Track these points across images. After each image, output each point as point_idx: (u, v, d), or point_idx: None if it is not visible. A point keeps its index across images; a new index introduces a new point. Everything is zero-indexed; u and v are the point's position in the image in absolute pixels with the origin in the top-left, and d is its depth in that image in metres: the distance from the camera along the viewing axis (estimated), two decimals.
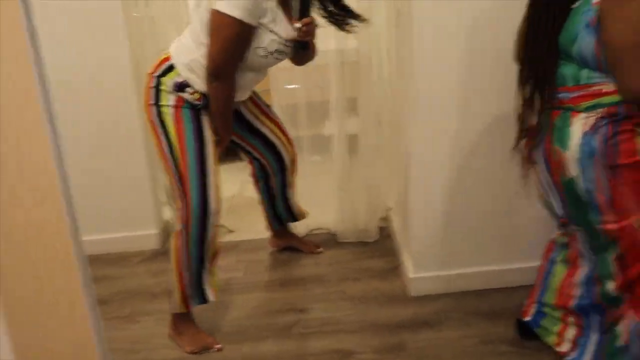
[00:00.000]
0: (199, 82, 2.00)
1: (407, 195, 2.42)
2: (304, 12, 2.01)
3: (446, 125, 2.18)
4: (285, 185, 2.58)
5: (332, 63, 2.71)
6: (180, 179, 2.04)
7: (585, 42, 1.46)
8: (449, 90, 2.14)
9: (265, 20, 1.91)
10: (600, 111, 1.48)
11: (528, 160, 1.72)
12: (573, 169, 1.52)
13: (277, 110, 2.79)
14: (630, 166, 1.47)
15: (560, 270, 1.88)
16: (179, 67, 2.00)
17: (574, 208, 1.61)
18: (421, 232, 2.33)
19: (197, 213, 2.03)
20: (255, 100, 2.36)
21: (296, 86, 2.91)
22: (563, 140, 1.53)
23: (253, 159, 2.49)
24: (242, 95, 2.16)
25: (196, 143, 2.02)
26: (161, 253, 2.79)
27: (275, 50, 1.98)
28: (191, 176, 2.02)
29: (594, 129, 1.48)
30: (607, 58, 1.43)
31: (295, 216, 2.72)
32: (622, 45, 1.39)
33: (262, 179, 2.57)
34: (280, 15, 1.96)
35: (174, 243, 2.10)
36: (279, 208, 2.65)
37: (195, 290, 2.12)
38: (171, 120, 2.02)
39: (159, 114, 2.03)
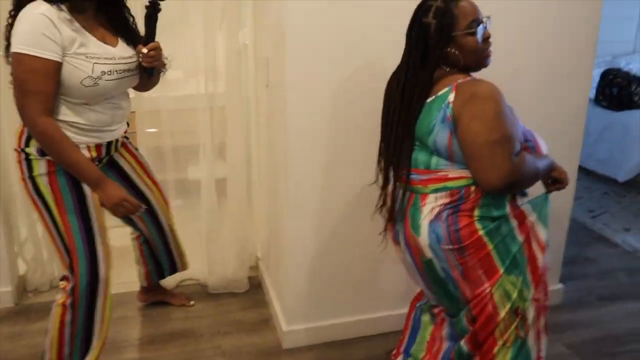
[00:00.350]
0: None
1: (278, 248, 2.44)
2: (150, 37, 1.94)
3: (317, 182, 2.24)
4: (163, 233, 2.49)
5: (200, 107, 2.70)
6: (67, 251, 1.94)
7: (440, 135, 1.57)
8: (320, 149, 2.20)
9: (74, 50, 1.78)
10: (445, 194, 1.61)
11: (392, 240, 1.81)
12: (427, 252, 1.65)
13: (143, 152, 2.68)
14: (472, 245, 1.60)
15: (426, 322, 1.98)
16: None
17: (435, 285, 1.73)
18: (293, 285, 2.36)
19: (85, 286, 1.94)
20: (137, 158, 2.28)
21: (155, 130, 2.86)
22: (415, 228, 1.65)
23: (128, 221, 2.39)
24: (108, 135, 2.03)
25: (77, 210, 1.92)
26: (16, 312, 2.57)
27: (103, 72, 1.85)
28: (78, 247, 1.92)
29: (438, 217, 1.61)
30: (465, 154, 1.56)
31: (175, 265, 2.61)
32: (479, 143, 1.51)
33: (144, 241, 2.49)
34: (87, 36, 1.83)
35: (58, 315, 1.97)
36: (162, 257, 2.55)
37: None
38: (47, 190, 1.90)
39: (35, 187, 1.90)
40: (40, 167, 1.90)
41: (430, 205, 1.63)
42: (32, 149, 1.88)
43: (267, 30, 2.46)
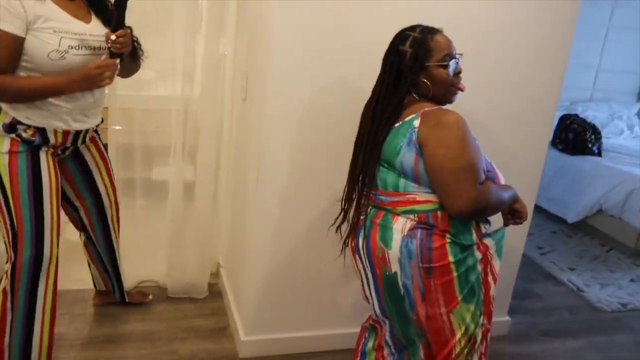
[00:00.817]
0: (26, 119, 1.91)
1: (241, 257, 2.47)
2: (119, 23, 1.95)
3: (284, 196, 2.28)
4: (107, 234, 2.48)
5: (174, 109, 2.71)
6: (14, 232, 1.93)
7: (406, 157, 1.64)
8: (290, 166, 2.24)
9: (39, 24, 1.81)
10: (414, 216, 1.67)
11: (352, 250, 1.85)
12: (394, 266, 1.69)
13: (112, 149, 2.70)
14: (440, 268, 1.66)
15: (370, 349, 2.01)
16: (3, 108, 1.91)
17: (390, 301, 1.77)
18: (253, 295, 2.39)
19: (26, 264, 1.93)
20: (103, 155, 2.30)
21: (126, 128, 2.85)
22: (386, 240, 1.70)
23: (75, 215, 2.38)
24: (78, 123, 2.04)
25: (30, 195, 1.93)
26: None
27: (70, 46, 1.88)
28: (24, 227, 1.92)
29: (412, 232, 1.66)
30: (432, 180, 1.62)
31: (124, 294, 2.65)
32: (445, 169, 1.58)
33: (89, 241, 2.48)
34: (57, 11, 1.86)
35: None
36: (111, 278, 2.57)
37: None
38: (5, 170, 1.90)
39: None
40: (4, 145, 1.91)
41: (403, 222, 1.68)
42: None
43: (248, 43, 2.51)
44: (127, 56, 2.08)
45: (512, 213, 1.87)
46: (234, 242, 2.75)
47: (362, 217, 1.80)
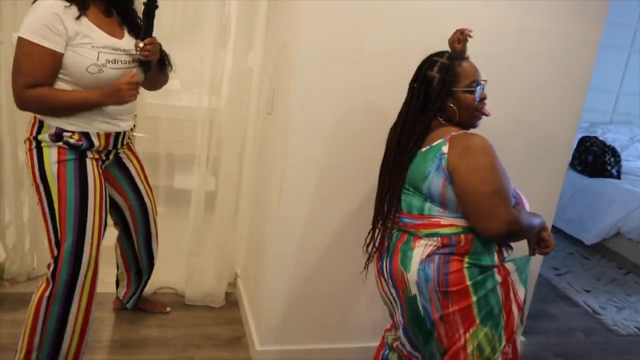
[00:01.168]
0: (70, 125, 2.00)
1: (259, 268, 2.50)
2: (147, 32, 2.03)
3: (307, 210, 2.30)
4: (149, 234, 2.55)
5: (200, 120, 2.78)
6: (57, 241, 2.00)
7: (434, 183, 1.67)
8: (314, 181, 2.27)
9: (78, 41, 1.92)
10: (436, 239, 1.70)
11: (377, 272, 1.88)
12: (413, 289, 1.72)
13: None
14: (458, 292, 1.69)
15: None
16: (47, 121, 2.00)
17: (412, 321, 1.80)
18: (270, 306, 2.41)
19: (66, 271, 1.99)
20: (140, 162, 2.40)
21: (142, 135, 2.90)
22: (406, 264, 1.73)
23: (120, 217, 2.46)
24: (117, 124, 2.13)
25: (77, 198, 2.01)
26: None
27: (107, 60, 1.98)
28: (67, 235, 1.99)
29: (430, 258, 1.69)
30: (465, 205, 1.64)
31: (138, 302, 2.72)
32: (479, 194, 1.60)
33: (127, 244, 2.54)
34: (93, 28, 1.95)
35: (35, 302, 2.01)
36: (143, 259, 2.60)
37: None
38: (54, 180, 1.99)
39: (42, 175, 2.00)
40: (52, 154, 2.01)
41: (423, 246, 1.72)
42: (44, 136, 2.00)
43: (275, 58, 2.56)
44: (155, 67, 2.15)
45: (539, 242, 1.88)
46: (252, 252, 2.78)
47: (387, 240, 1.83)
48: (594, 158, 4.79)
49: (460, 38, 1.81)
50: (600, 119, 5.61)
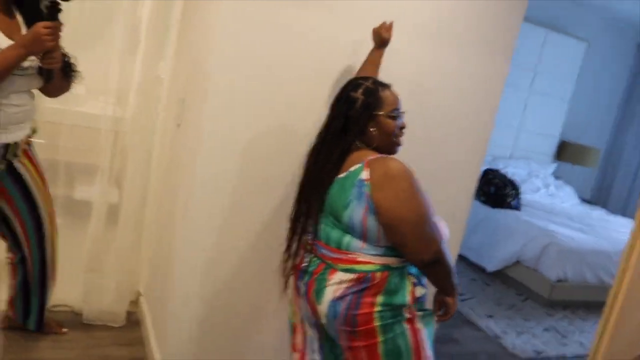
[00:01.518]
0: None
1: (164, 287, 2.38)
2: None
3: (215, 226, 2.21)
4: (44, 276, 2.38)
5: (104, 129, 2.64)
6: None
7: (356, 211, 1.64)
8: (222, 198, 2.19)
9: None
10: (352, 275, 1.65)
11: (295, 290, 1.84)
12: (324, 319, 1.71)
13: None
14: (365, 331, 1.65)
15: None
16: None
17: (327, 345, 1.80)
18: (175, 327, 2.29)
19: None
20: (38, 169, 2.23)
21: (41, 141, 2.73)
22: (318, 296, 1.70)
23: (9, 232, 2.27)
24: (3, 135, 1.99)
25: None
26: None
27: None
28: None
29: (341, 298, 1.66)
30: (392, 232, 1.62)
31: (42, 323, 2.49)
32: (404, 221, 1.60)
33: (21, 263, 2.35)
34: None
35: None
36: (33, 304, 2.42)
37: None
38: None
39: None
40: None
41: (337, 283, 1.67)
42: None
43: (186, 69, 2.49)
44: (58, 73, 2.04)
45: (441, 305, 1.83)
46: (157, 269, 2.65)
47: (305, 261, 1.79)
48: (496, 190, 5.02)
49: (386, 27, 1.83)
50: (502, 154, 5.90)
